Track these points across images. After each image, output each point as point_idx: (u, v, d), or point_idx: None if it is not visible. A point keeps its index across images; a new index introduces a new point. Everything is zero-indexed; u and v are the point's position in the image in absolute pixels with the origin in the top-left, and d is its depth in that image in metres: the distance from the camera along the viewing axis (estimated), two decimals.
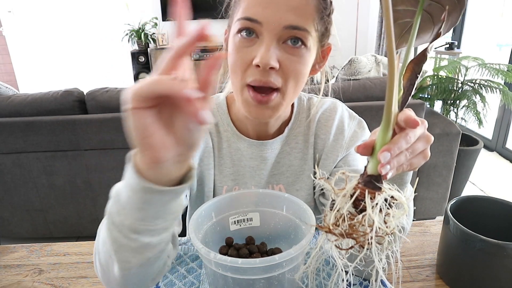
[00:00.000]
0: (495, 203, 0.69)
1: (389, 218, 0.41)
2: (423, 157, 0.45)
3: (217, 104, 0.79)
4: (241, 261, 0.46)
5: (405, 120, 0.41)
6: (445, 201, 1.96)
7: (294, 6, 0.58)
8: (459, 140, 1.84)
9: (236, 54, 0.62)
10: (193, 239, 0.51)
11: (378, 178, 0.42)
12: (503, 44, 3.91)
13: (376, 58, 1.99)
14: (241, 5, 0.62)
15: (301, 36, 0.60)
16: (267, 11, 0.58)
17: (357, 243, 0.41)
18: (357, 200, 0.42)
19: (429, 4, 0.46)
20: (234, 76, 0.64)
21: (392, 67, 0.40)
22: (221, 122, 0.77)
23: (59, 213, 1.91)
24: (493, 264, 0.60)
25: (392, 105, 0.42)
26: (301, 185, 0.77)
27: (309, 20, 0.60)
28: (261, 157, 0.76)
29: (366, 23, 4.66)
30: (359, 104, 1.73)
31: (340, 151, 0.75)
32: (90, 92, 1.77)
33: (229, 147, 0.77)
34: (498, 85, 2.25)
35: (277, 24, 0.58)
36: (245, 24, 0.60)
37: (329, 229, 0.42)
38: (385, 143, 0.42)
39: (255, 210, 0.63)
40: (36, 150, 1.75)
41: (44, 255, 0.77)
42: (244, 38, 0.61)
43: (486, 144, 3.18)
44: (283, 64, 0.61)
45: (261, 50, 0.59)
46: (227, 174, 0.77)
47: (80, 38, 4.62)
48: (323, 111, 0.78)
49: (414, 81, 0.45)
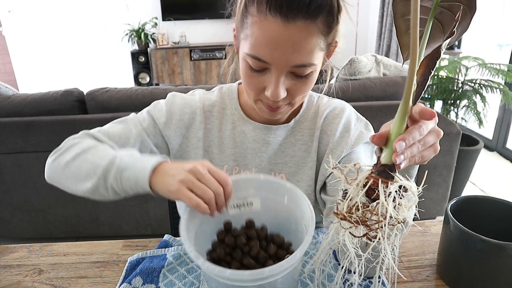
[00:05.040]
0: (495, 203, 0.69)
1: (400, 207, 0.43)
2: (433, 150, 0.48)
3: (228, 89, 0.83)
4: (229, 272, 0.45)
5: (421, 112, 0.45)
6: (445, 201, 1.96)
7: (300, 47, 0.60)
8: (459, 140, 1.84)
9: (248, 80, 0.67)
10: (183, 238, 0.50)
11: (392, 167, 0.45)
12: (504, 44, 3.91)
13: (376, 58, 1.98)
14: (251, 33, 0.63)
15: (307, 70, 0.64)
16: (275, 53, 0.61)
17: (371, 230, 0.42)
18: (370, 190, 0.44)
19: (440, 12, 0.48)
20: (248, 93, 0.70)
21: (414, 61, 0.42)
22: (229, 106, 0.81)
23: (59, 213, 1.91)
24: (493, 264, 0.60)
25: (410, 98, 0.44)
26: (302, 177, 0.79)
27: (314, 51, 0.62)
28: (264, 140, 0.79)
29: (366, 23, 4.66)
30: (359, 104, 1.73)
31: (345, 147, 0.76)
32: (90, 92, 1.77)
33: (233, 129, 0.80)
34: (499, 85, 2.25)
35: (285, 64, 0.62)
36: (255, 63, 0.64)
37: (344, 216, 0.43)
38: (400, 133, 0.44)
39: (256, 195, 0.63)
40: (36, 150, 1.75)
41: (44, 255, 0.77)
42: (255, 71, 0.65)
43: (487, 144, 3.17)
44: (291, 89, 0.66)
45: (271, 85, 0.64)
46: (229, 154, 0.80)
47: (80, 38, 4.62)
48: (331, 109, 0.80)
49: (428, 76, 0.47)
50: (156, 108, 0.79)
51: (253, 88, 0.68)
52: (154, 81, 4.54)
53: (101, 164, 0.64)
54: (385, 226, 0.41)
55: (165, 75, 4.51)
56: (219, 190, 0.55)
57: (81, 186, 0.67)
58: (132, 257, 0.72)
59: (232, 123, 0.80)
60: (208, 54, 4.45)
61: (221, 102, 0.81)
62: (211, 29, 4.69)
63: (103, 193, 0.65)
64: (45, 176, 0.73)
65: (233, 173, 0.79)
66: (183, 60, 4.47)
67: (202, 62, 4.48)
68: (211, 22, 4.65)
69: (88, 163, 0.66)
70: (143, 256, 0.72)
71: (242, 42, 0.66)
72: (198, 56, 4.45)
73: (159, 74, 4.50)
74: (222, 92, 0.83)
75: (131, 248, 0.78)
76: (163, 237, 0.78)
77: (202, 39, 4.73)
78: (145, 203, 1.86)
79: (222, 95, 0.82)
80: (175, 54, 4.44)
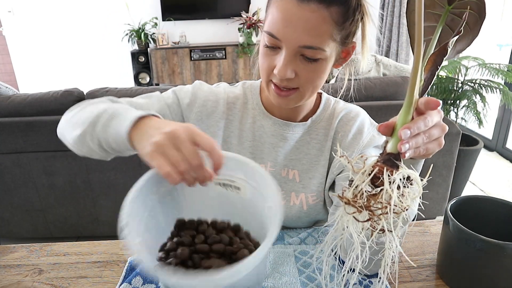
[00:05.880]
0: (495, 203, 0.69)
1: (404, 197, 0.44)
2: (438, 144, 0.50)
3: (251, 85, 0.86)
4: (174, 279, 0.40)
5: (426, 102, 0.46)
6: (445, 201, 1.96)
7: (310, 27, 0.63)
8: (459, 140, 1.83)
9: (262, 59, 0.71)
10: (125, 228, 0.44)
11: (397, 156, 0.46)
12: (504, 44, 3.91)
13: (376, 58, 1.98)
14: (270, 11, 0.67)
15: (316, 54, 0.65)
16: (286, 30, 0.64)
17: (374, 216, 0.43)
18: (375, 178, 0.45)
19: (451, 19, 0.50)
20: (261, 73, 0.73)
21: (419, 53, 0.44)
22: (251, 101, 0.84)
23: (59, 213, 1.91)
24: (493, 264, 0.60)
25: (415, 89, 0.46)
26: (314, 174, 0.81)
27: (324, 37, 0.64)
28: (282, 136, 0.81)
29: None
30: (359, 104, 1.73)
31: (356, 148, 0.78)
32: (90, 92, 1.77)
33: (253, 123, 0.83)
34: (498, 85, 2.25)
35: (294, 43, 0.64)
36: (269, 39, 0.67)
37: (348, 200, 0.43)
38: (406, 123, 0.46)
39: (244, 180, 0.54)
40: (36, 150, 1.75)
41: (44, 255, 0.77)
42: (269, 48, 0.68)
43: (486, 144, 3.17)
44: (299, 73, 0.68)
45: (279, 63, 0.66)
46: (246, 147, 0.82)
47: (80, 38, 4.62)
48: (347, 112, 0.83)
49: (435, 72, 0.49)
50: (182, 90, 0.82)
51: (266, 68, 0.70)
52: (154, 81, 4.54)
53: (95, 112, 0.63)
54: (390, 212, 0.42)
55: (165, 75, 4.51)
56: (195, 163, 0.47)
57: (72, 133, 0.65)
58: (132, 257, 0.72)
59: (252, 117, 0.83)
60: (208, 54, 4.45)
61: (244, 96, 0.84)
62: (211, 29, 4.69)
63: (89, 143, 0.63)
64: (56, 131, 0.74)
65: None
66: (183, 60, 4.47)
67: (202, 62, 4.48)
68: (211, 22, 4.65)
69: (87, 112, 0.65)
70: None
71: (265, 23, 0.69)
72: (198, 56, 4.44)
73: (159, 74, 4.50)
74: (245, 87, 0.86)
75: None
76: None
77: (202, 39, 4.73)
78: None
79: (245, 90, 0.85)
80: (175, 54, 4.43)
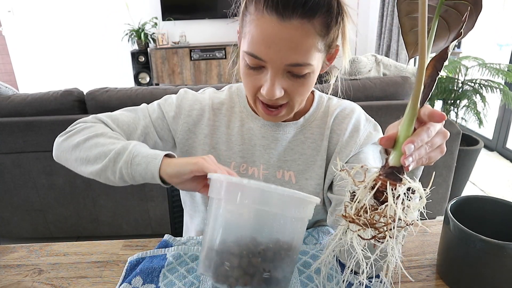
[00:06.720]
0: (495, 203, 0.69)
1: (409, 209, 0.43)
2: (440, 151, 0.48)
3: (238, 89, 0.85)
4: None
5: (430, 115, 0.44)
6: (445, 201, 1.96)
7: (294, 46, 0.61)
8: (459, 140, 1.83)
9: (246, 79, 0.68)
10: None
11: (400, 169, 0.44)
12: (504, 43, 3.91)
13: (376, 58, 1.99)
14: (248, 30, 0.64)
15: (303, 70, 0.64)
16: (269, 51, 0.61)
17: (380, 233, 0.42)
18: (378, 192, 0.43)
19: (445, 10, 0.48)
20: (247, 92, 0.72)
21: (422, 65, 0.43)
22: (238, 104, 0.83)
23: (59, 213, 1.91)
24: (493, 264, 0.60)
25: (418, 101, 0.44)
26: (311, 175, 0.79)
27: (310, 51, 0.62)
28: (273, 137, 0.80)
29: (366, 23, 4.66)
30: (359, 104, 1.73)
31: (353, 147, 0.77)
32: (90, 92, 1.77)
33: (241, 126, 0.81)
34: (499, 85, 2.25)
35: (280, 62, 0.62)
36: (251, 60, 0.64)
37: (353, 218, 0.43)
38: (409, 135, 0.44)
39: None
40: (36, 150, 1.75)
41: (44, 255, 0.77)
42: (252, 69, 0.66)
43: (487, 144, 3.17)
44: (288, 89, 0.66)
45: (266, 84, 0.64)
46: (236, 151, 0.81)
47: (80, 38, 4.62)
48: (341, 109, 0.81)
49: (435, 77, 0.47)
50: (166, 102, 0.82)
51: (251, 87, 0.68)
52: (154, 81, 4.54)
53: (113, 148, 0.67)
54: (394, 229, 0.41)
55: (165, 75, 4.51)
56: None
57: (89, 168, 0.69)
58: (132, 257, 0.72)
59: (240, 120, 0.81)
60: (208, 54, 4.45)
61: (230, 100, 0.83)
62: (211, 29, 4.69)
63: (109, 176, 0.67)
64: (53, 155, 0.77)
65: (240, 170, 0.80)
66: (183, 60, 4.47)
67: (202, 62, 4.48)
68: (211, 22, 4.65)
69: (100, 146, 0.69)
70: (143, 256, 0.72)
71: (242, 41, 0.67)
72: (198, 56, 4.44)
73: (159, 74, 4.50)
74: (231, 91, 0.84)
75: (131, 248, 0.78)
76: (163, 237, 0.78)
77: (202, 39, 4.73)
78: (145, 203, 1.86)
79: (231, 93, 0.84)
80: (175, 54, 4.43)
